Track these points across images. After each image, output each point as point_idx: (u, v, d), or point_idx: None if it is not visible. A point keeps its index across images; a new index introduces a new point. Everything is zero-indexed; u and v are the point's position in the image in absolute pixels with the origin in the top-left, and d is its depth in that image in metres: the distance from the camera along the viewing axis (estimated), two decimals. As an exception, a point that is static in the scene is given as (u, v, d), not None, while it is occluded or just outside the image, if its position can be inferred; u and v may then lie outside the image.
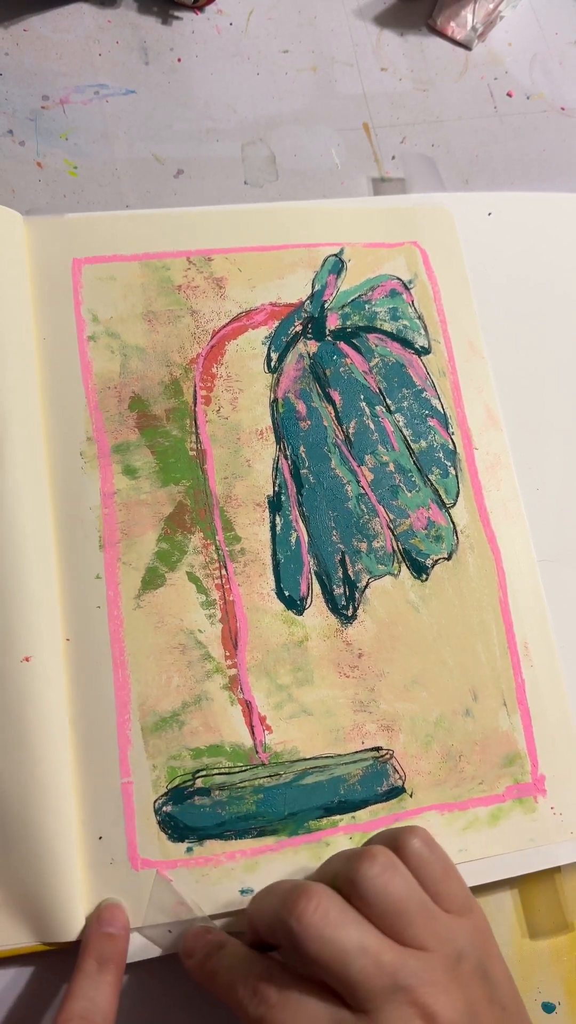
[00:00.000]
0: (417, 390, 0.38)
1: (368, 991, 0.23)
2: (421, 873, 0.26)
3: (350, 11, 0.46)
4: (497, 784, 0.33)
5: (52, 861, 0.29)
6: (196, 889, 0.30)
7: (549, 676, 0.35)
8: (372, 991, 0.23)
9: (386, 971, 0.23)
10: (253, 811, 0.31)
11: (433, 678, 0.34)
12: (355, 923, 0.24)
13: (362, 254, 0.39)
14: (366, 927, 0.24)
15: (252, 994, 0.24)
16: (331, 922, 0.23)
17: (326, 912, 0.23)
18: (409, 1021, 0.23)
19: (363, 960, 0.23)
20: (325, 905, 0.24)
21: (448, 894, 0.26)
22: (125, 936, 0.28)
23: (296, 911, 0.23)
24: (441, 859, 0.26)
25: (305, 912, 0.23)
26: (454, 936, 0.25)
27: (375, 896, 0.24)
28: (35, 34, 0.42)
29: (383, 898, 0.24)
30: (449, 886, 0.26)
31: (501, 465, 0.38)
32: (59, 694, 0.31)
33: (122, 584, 0.33)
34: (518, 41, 0.48)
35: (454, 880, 0.26)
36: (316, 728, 0.32)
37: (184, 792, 0.31)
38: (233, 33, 0.45)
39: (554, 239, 0.42)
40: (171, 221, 0.38)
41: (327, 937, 0.23)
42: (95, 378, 0.35)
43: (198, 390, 0.36)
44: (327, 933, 0.23)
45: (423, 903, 0.25)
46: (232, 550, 0.34)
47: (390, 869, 0.25)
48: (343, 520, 0.35)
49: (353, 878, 0.25)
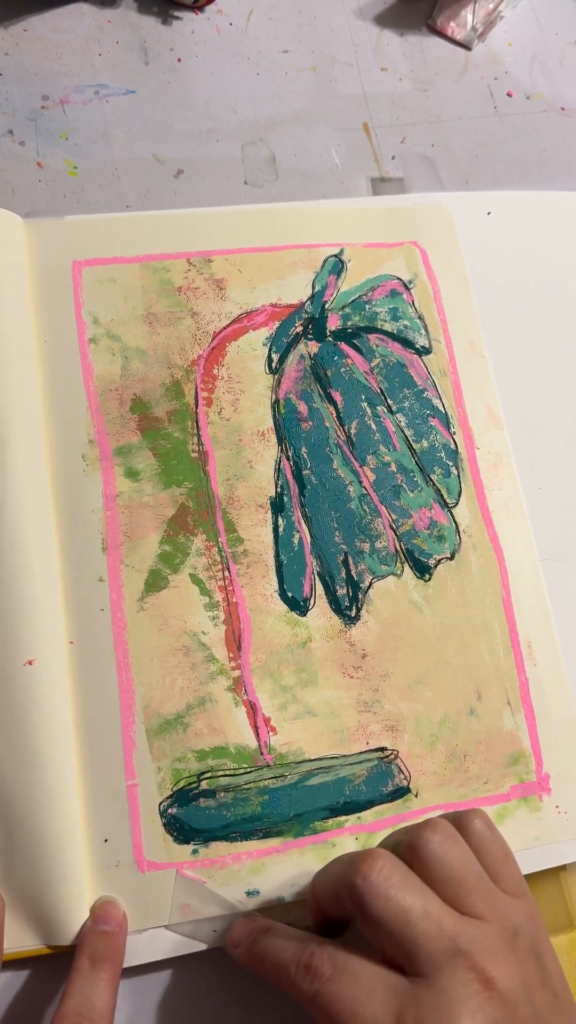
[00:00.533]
0: (418, 390, 0.38)
1: (429, 953, 0.23)
2: (482, 853, 0.26)
3: (350, 11, 0.46)
4: (502, 783, 0.33)
5: (58, 864, 0.29)
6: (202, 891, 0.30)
7: (553, 675, 0.35)
8: (433, 953, 0.23)
9: (447, 935, 0.23)
10: (258, 812, 0.31)
11: (437, 678, 0.34)
12: (418, 887, 0.24)
13: (362, 254, 0.39)
14: (428, 892, 0.24)
15: (305, 971, 0.24)
16: (395, 883, 0.24)
17: (390, 874, 0.24)
18: (469, 985, 0.23)
19: (425, 922, 0.23)
20: (389, 867, 0.24)
21: (506, 876, 0.26)
22: (121, 933, 0.28)
23: (362, 870, 0.24)
24: (501, 842, 0.27)
25: (371, 871, 0.24)
26: (511, 913, 0.25)
27: (436, 862, 0.25)
28: (35, 34, 0.42)
29: (444, 864, 0.25)
30: (507, 868, 0.26)
31: (503, 464, 0.38)
32: (63, 697, 0.31)
33: (125, 587, 0.33)
34: (518, 41, 0.48)
35: (512, 864, 0.27)
36: (321, 729, 0.32)
37: (189, 794, 0.31)
38: (233, 33, 0.44)
39: (554, 238, 0.42)
40: (171, 222, 0.38)
41: (391, 896, 0.24)
42: (96, 381, 0.35)
43: (199, 392, 0.36)
44: (391, 892, 0.24)
45: (482, 876, 0.25)
46: (235, 552, 0.34)
47: (451, 839, 0.25)
48: (346, 521, 0.35)
49: (415, 844, 0.25)
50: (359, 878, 0.24)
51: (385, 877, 0.24)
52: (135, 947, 0.29)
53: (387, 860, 0.25)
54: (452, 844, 0.25)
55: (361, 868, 0.24)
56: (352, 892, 0.24)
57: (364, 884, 0.24)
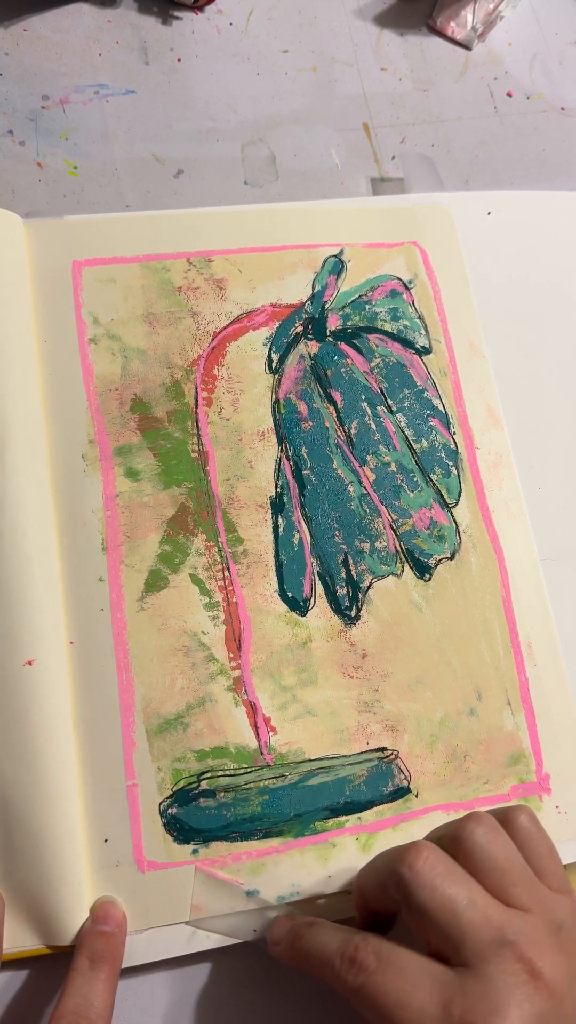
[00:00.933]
0: (418, 390, 0.38)
1: (476, 942, 0.23)
2: (527, 848, 0.26)
3: (350, 11, 0.46)
4: (502, 784, 0.33)
5: (58, 864, 0.29)
6: (202, 891, 0.30)
7: (553, 675, 0.35)
8: (479, 943, 0.23)
9: (493, 924, 0.23)
10: (259, 812, 0.31)
11: (437, 678, 0.34)
12: (463, 878, 0.24)
13: (362, 254, 0.39)
14: (473, 883, 0.24)
15: (349, 964, 0.24)
16: (440, 873, 0.24)
17: (436, 864, 0.24)
18: (515, 975, 0.23)
19: (471, 911, 0.23)
20: (435, 858, 0.24)
21: (551, 872, 0.26)
22: (120, 934, 0.28)
23: (407, 860, 0.24)
24: (545, 838, 0.27)
25: (416, 861, 0.24)
26: (555, 907, 0.25)
27: (480, 853, 0.25)
28: (35, 34, 0.42)
29: (488, 855, 0.25)
30: (552, 864, 0.27)
31: (503, 464, 0.38)
32: (63, 697, 0.31)
33: (125, 587, 0.33)
34: (518, 41, 0.48)
35: (556, 860, 0.27)
36: (321, 729, 0.32)
37: (189, 794, 0.31)
38: (233, 33, 0.44)
39: (554, 238, 0.42)
40: (171, 222, 0.38)
41: (437, 885, 0.24)
42: (96, 381, 0.35)
43: (199, 392, 0.36)
44: (437, 882, 0.24)
45: (525, 869, 0.25)
46: (235, 552, 0.34)
47: (495, 831, 0.26)
48: (346, 521, 0.35)
49: (459, 836, 0.25)
50: (405, 867, 0.24)
51: (431, 867, 0.24)
52: (135, 947, 0.29)
53: (432, 851, 0.25)
54: (496, 836, 0.25)
55: (407, 858, 0.24)
56: (398, 882, 0.24)
57: (410, 873, 0.24)
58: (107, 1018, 0.26)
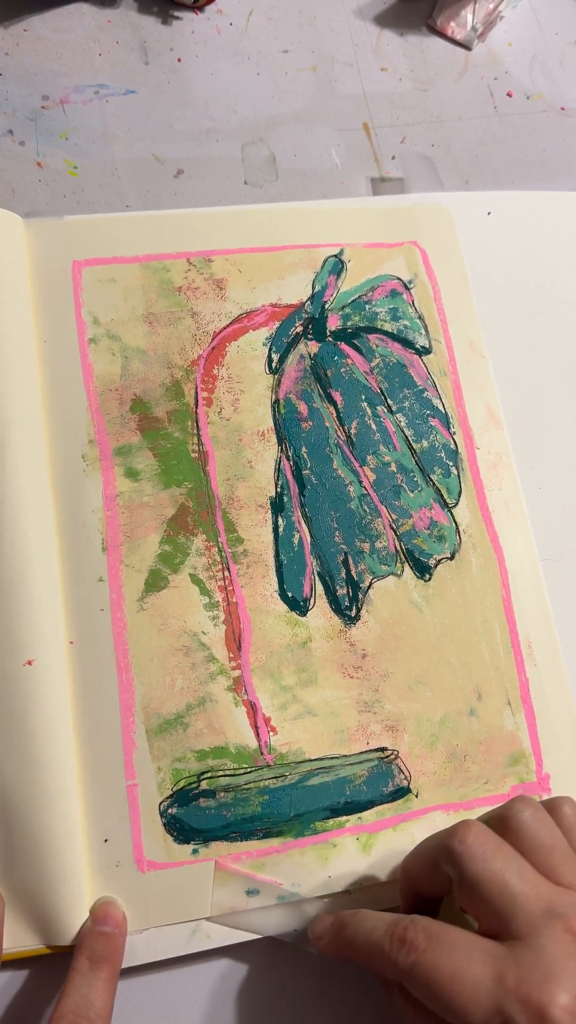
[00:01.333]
0: (418, 390, 0.38)
1: (526, 914, 0.23)
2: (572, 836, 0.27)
3: (350, 11, 0.46)
4: (502, 783, 0.33)
5: (58, 864, 0.29)
6: (202, 891, 0.30)
7: (553, 675, 0.35)
8: (531, 915, 0.23)
9: (543, 897, 0.24)
10: (259, 812, 0.31)
11: (437, 678, 0.34)
12: (512, 853, 0.25)
13: (362, 254, 0.39)
14: (522, 859, 0.25)
15: (400, 944, 0.24)
16: (491, 848, 0.25)
17: (486, 839, 0.25)
18: (567, 947, 0.23)
19: (521, 884, 0.24)
20: (485, 834, 0.25)
21: None
22: (120, 935, 0.28)
23: (459, 835, 0.25)
24: None
25: (468, 835, 0.25)
26: None
27: (528, 831, 0.26)
28: (35, 34, 0.42)
29: (536, 834, 0.26)
30: None
31: (503, 464, 0.38)
32: (63, 697, 0.31)
33: (125, 587, 0.33)
34: (518, 41, 0.48)
35: None
36: (321, 729, 0.32)
37: (189, 794, 0.31)
38: (233, 33, 0.44)
39: (554, 238, 0.42)
40: (171, 222, 0.38)
41: (488, 858, 0.25)
42: (96, 381, 0.35)
43: (199, 392, 0.36)
44: (488, 855, 0.25)
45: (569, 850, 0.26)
46: (235, 552, 0.34)
47: (541, 812, 0.27)
48: (346, 521, 0.35)
49: (507, 815, 0.26)
50: (456, 842, 0.25)
51: (482, 842, 0.25)
52: (135, 947, 0.29)
53: (482, 827, 0.26)
54: (542, 816, 0.26)
55: (458, 833, 0.25)
56: (450, 856, 0.25)
57: (461, 847, 0.25)
58: (107, 1018, 0.26)
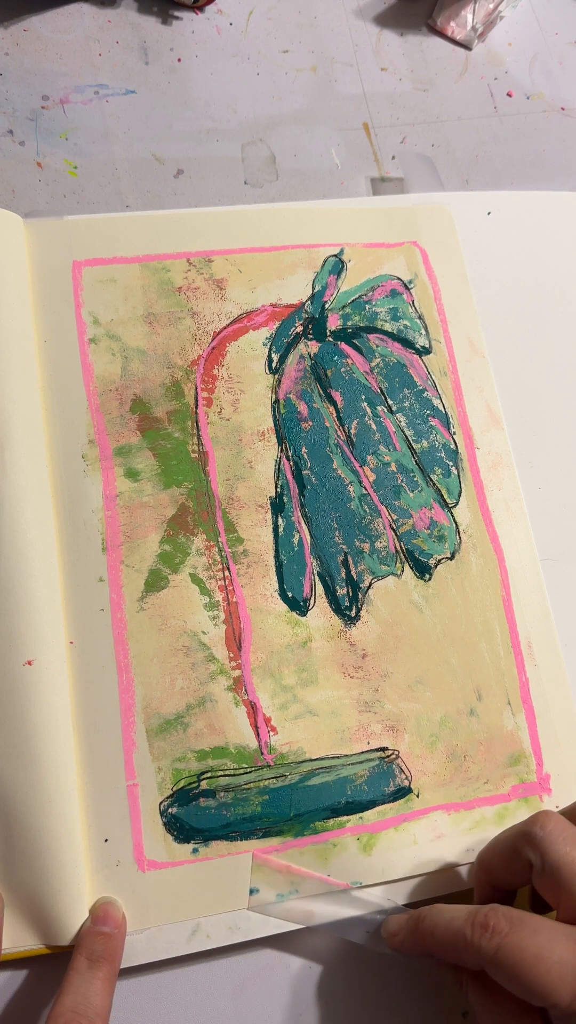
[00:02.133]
0: (418, 390, 0.38)
1: None
2: None
3: (350, 11, 0.46)
4: (502, 784, 0.33)
5: (58, 864, 0.29)
6: (202, 891, 0.30)
7: (553, 675, 0.35)
8: None
9: None
10: (259, 812, 0.31)
11: (437, 678, 0.34)
12: None
13: (362, 254, 0.39)
14: None
15: (482, 930, 0.25)
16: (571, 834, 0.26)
17: (565, 827, 0.26)
18: None
19: None
20: (564, 822, 0.27)
21: None
22: (120, 935, 0.28)
23: (539, 822, 0.26)
24: None
25: (548, 822, 0.26)
26: None
27: None
28: (35, 34, 0.42)
29: None
30: None
31: (503, 464, 0.38)
32: (63, 697, 0.31)
33: (125, 587, 0.33)
34: (518, 41, 0.48)
35: None
36: (321, 729, 0.32)
37: (189, 794, 0.31)
38: (233, 33, 0.44)
39: (554, 238, 0.42)
40: (171, 222, 0.38)
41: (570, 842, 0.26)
42: (96, 381, 0.35)
43: (199, 392, 0.36)
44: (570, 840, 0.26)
45: None
46: (235, 552, 0.34)
47: None
48: (345, 521, 0.35)
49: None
50: (537, 828, 0.26)
51: (562, 829, 0.26)
52: (135, 947, 0.29)
53: (559, 816, 0.27)
54: None
55: (539, 820, 0.27)
56: (532, 841, 0.26)
57: (543, 832, 0.26)
58: (104, 1017, 0.26)
